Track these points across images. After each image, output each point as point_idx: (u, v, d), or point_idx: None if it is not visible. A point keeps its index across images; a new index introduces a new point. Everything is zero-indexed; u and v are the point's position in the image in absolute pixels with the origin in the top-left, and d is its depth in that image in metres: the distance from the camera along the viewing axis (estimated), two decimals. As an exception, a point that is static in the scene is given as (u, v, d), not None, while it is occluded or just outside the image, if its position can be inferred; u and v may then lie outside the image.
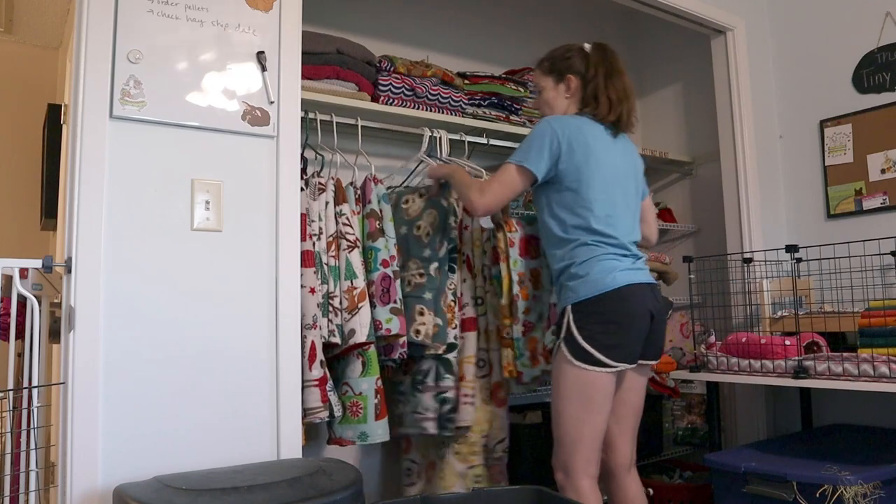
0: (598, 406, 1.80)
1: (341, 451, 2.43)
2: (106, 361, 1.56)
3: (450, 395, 2.15)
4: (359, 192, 2.18)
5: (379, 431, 2.01)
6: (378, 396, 2.03)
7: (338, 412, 1.99)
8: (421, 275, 2.15)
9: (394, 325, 2.05)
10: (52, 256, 1.58)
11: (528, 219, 2.28)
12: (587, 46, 2.01)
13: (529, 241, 2.21)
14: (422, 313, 2.12)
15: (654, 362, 1.96)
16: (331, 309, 1.99)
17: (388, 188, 2.34)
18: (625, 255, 1.89)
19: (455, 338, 2.19)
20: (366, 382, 2.02)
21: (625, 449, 1.97)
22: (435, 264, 2.17)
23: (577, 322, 1.80)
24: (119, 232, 1.61)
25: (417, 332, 2.09)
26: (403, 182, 2.47)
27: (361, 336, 1.99)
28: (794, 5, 3.02)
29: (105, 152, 1.61)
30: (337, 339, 1.97)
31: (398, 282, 2.12)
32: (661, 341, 1.96)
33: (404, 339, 2.09)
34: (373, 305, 2.05)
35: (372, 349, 2.04)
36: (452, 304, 2.21)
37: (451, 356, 2.18)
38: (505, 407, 2.24)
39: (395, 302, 2.07)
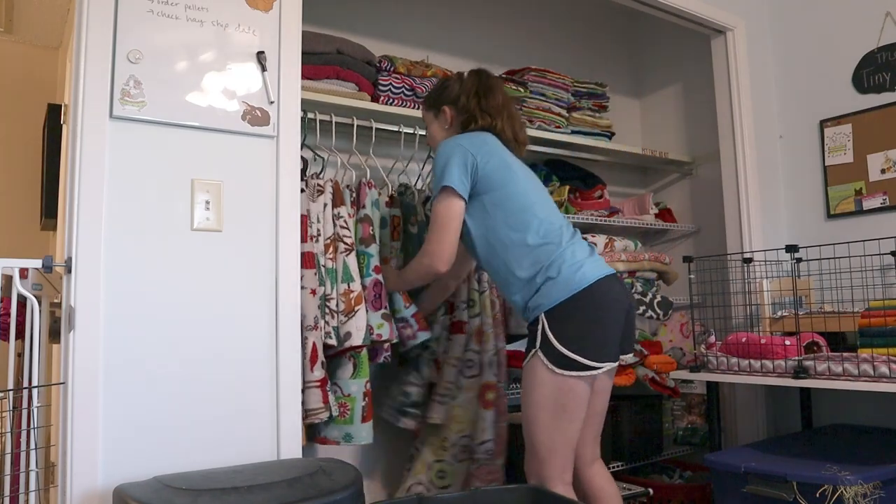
0: (574, 414, 1.74)
1: (348, 451, 2.43)
2: (106, 361, 1.56)
3: (411, 390, 2.20)
4: (354, 194, 2.19)
5: (363, 433, 2.03)
6: (366, 399, 2.04)
7: (335, 412, 2.00)
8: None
9: (384, 330, 2.06)
10: (52, 256, 1.58)
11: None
12: (463, 74, 2.04)
13: None
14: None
15: (629, 356, 1.91)
16: (327, 311, 1.99)
17: (401, 185, 2.36)
18: (580, 245, 1.83)
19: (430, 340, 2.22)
20: (355, 384, 2.03)
21: (586, 449, 1.91)
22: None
23: (552, 329, 1.72)
24: (119, 232, 1.61)
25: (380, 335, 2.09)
26: (415, 182, 2.47)
27: (357, 339, 2.00)
28: (794, 5, 3.02)
29: (105, 152, 1.61)
30: (333, 341, 1.98)
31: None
32: (634, 333, 1.90)
33: (388, 343, 2.11)
34: (366, 310, 2.06)
35: (364, 352, 2.06)
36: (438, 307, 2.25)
37: (424, 356, 2.23)
38: (492, 410, 2.23)
39: (385, 308, 2.09)
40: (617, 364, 1.82)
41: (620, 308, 1.78)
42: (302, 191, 2.00)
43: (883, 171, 2.70)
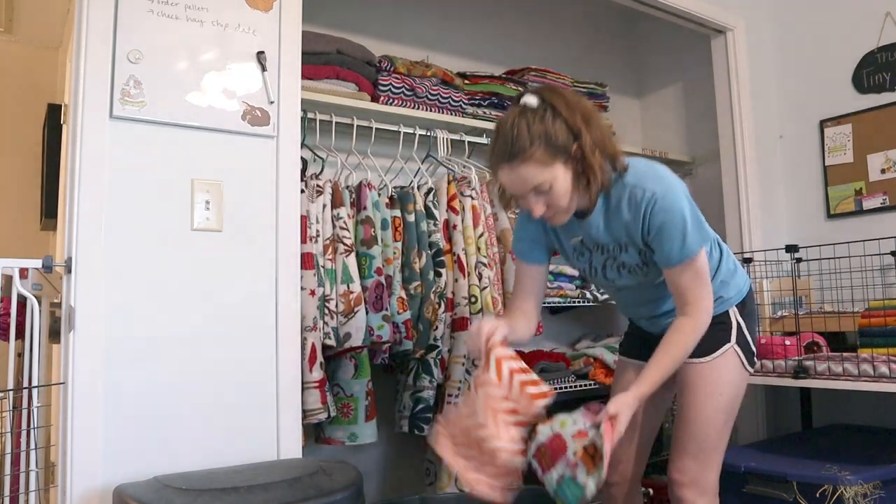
0: None
1: (348, 451, 2.43)
2: (106, 361, 1.56)
3: (425, 394, 2.17)
4: (353, 195, 2.18)
5: (368, 432, 2.04)
6: (368, 398, 2.04)
7: (333, 412, 2.00)
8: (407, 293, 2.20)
9: (385, 332, 2.07)
10: (52, 256, 1.58)
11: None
12: (536, 98, 1.44)
13: None
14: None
15: None
16: (326, 312, 1.99)
17: (397, 187, 2.36)
18: None
19: (435, 339, 2.20)
20: (357, 384, 2.04)
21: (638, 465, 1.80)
22: (416, 282, 2.20)
23: (746, 322, 1.63)
24: (119, 232, 1.61)
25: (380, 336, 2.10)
26: (411, 182, 2.47)
27: (357, 340, 2.00)
28: (794, 5, 3.02)
29: (105, 152, 1.61)
30: (332, 342, 1.98)
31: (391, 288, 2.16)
32: None
33: (388, 345, 2.11)
34: (366, 311, 2.06)
35: (364, 352, 2.06)
36: (438, 306, 2.22)
37: (430, 357, 2.19)
38: None
39: (386, 309, 2.09)
40: None
41: None
42: (301, 191, 2.00)
43: (883, 171, 2.69)
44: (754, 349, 1.64)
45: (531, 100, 1.43)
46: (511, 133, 1.40)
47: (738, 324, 1.61)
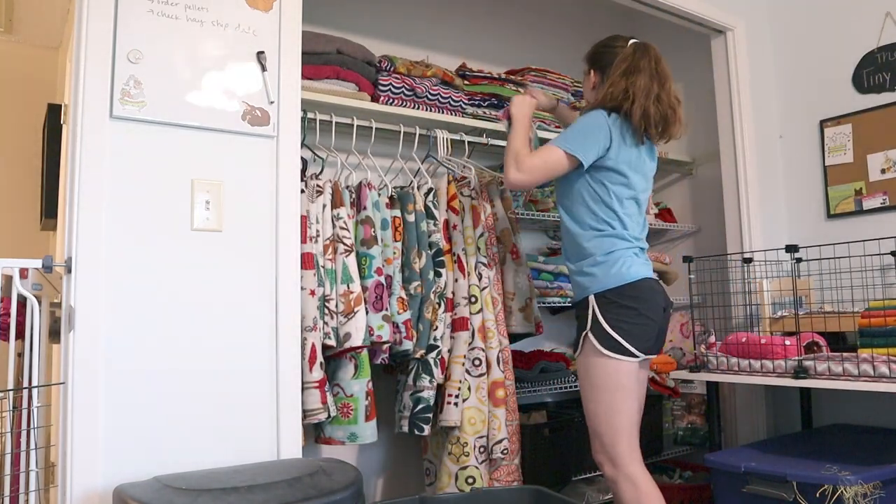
0: (630, 392, 1.84)
1: (348, 451, 2.44)
2: (106, 361, 1.56)
3: (425, 394, 2.16)
4: (353, 195, 2.19)
5: (368, 432, 2.04)
6: (368, 398, 2.04)
7: (333, 412, 2.00)
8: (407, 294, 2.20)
9: (385, 332, 2.07)
10: (52, 256, 1.58)
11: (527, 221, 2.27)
12: (629, 42, 2.00)
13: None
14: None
15: (654, 357, 1.99)
16: (326, 312, 1.99)
17: (397, 187, 2.35)
18: (640, 250, 1.96)
19: (435, 339, 2.20)
20: (357, 384, 2.03)
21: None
22: (416, 282, 2.20)
23: (602, 311, 1.84)
24: (119, 232, 1.61)
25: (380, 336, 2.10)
26: (411, 182, 2.47)
27: (357, 340, 2.00)
28: (794, 5, 3.02)
29: (105, 152, 1.61)
30: (332, 342, 1.98)
31: (392, 288, 2.16)
32: (664, 337, 1.99)
33: (388, 345, 2.11)
34: (366, 311, 2.06)
35: (364, 352, 2.06)
36: (437, 306, 2.22)
37: (430, 357, 2.19)
38: (504, 407, 2.24)
39: (386, 309, 2.09)
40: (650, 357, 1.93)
41: (659, 307, 1.90)
42: (301, 191, 2.00)
43: (883, 171, 2.69)
44: (616, 336, 1.82)
45: (631, 42, 2.02)
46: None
47: (594, 312, 1.85)
